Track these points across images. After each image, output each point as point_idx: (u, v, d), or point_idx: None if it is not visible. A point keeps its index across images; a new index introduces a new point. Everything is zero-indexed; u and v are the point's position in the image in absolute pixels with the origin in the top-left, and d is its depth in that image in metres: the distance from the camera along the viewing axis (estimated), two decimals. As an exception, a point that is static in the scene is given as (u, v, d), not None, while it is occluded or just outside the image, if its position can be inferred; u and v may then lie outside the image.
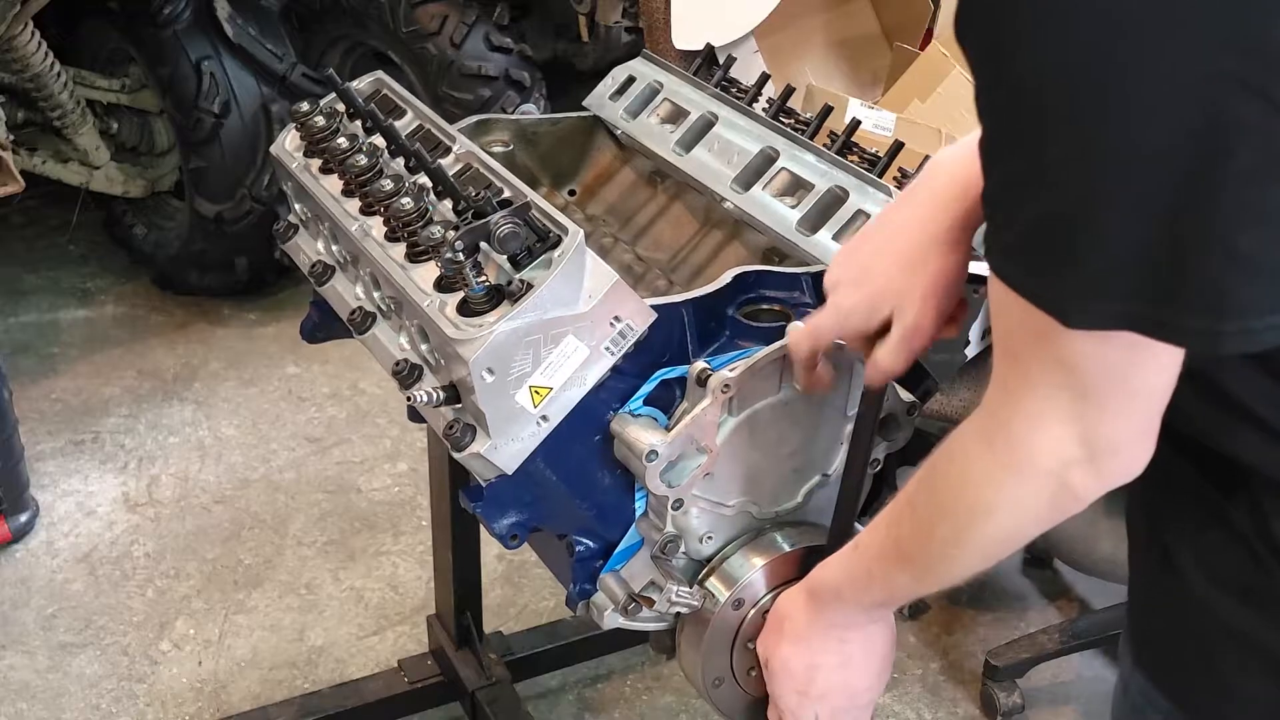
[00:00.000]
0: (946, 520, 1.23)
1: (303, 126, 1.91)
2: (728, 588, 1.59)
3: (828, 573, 1.44)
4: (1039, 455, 1.12)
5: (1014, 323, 1.10)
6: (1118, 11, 0.94)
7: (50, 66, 3.82)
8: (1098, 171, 0.98)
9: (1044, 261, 1.03)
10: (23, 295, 4.40)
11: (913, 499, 1.28)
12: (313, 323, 2.11)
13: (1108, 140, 0.97)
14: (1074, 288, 1.02)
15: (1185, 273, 0.98)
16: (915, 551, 1.29)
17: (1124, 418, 1.09)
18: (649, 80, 2.13)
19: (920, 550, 1.28)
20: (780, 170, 1.85)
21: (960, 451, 1.20)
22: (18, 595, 3.15)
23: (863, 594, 1.40)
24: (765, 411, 1.56)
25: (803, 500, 1.65)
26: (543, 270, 1.48)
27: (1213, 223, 0.96)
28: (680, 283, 1.95)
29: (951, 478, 1.22)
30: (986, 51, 1.03)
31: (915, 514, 1.28)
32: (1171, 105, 0.94)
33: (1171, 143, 0.95)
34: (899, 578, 1.34)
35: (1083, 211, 0.99)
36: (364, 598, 3.16)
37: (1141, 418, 1.10)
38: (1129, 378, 1.07)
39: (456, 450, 1.50)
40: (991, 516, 1.19)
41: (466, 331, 1.45)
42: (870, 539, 1.36)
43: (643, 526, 1.59)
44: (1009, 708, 2.82)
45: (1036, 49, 0.98)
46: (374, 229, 1.70)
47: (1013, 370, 1.12)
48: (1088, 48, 0.95)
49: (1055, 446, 1.11)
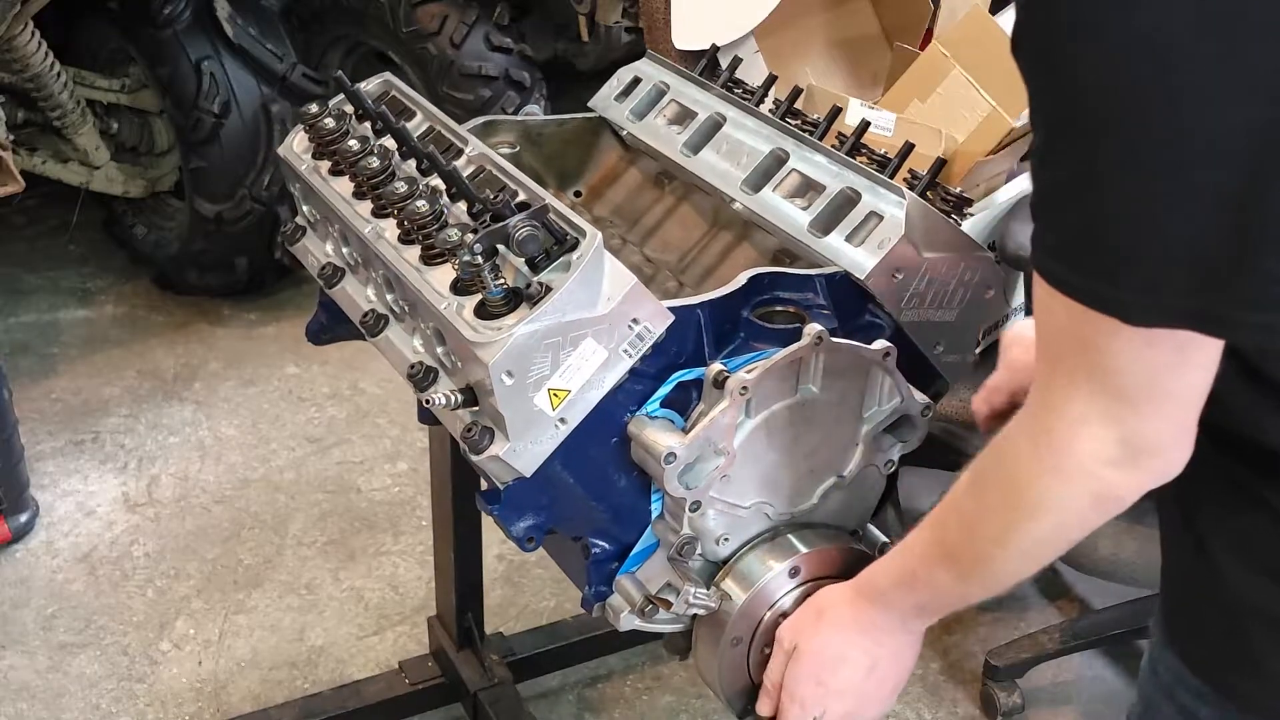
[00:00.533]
0: (992, 520, 1.25)
1: (312, 129, 1.91)
2: (744, 589, 1.60)
3: (876, 571, 1.45)
4: (1080, 456, 1.13)
5: (1059, 325, 1.12)
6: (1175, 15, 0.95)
7: (50, 66, 3.81)
8: (1154, 172, 1.00)
9: (1099, 263, 1.05)
10: (23, 295, 4.39)
11: (959, 500, 1.30)
12: (319, 324, 2.11)
13: (1165, 141, 0.98)
14: (1132, 286, 1.03)
15: (1244, 268, 1.00)
16: (960, 551, 1.31)
17: (1164, 418, 1.11)
18: (655, 81, 2.13)
19: (965, 550, 1.30)
20: (791, 171, 1.85)
21: (1007, 452, 1.22)
22: (18, 595, 3.15)
23: (906, 595, 1.41)
24: (782, 413, 1.57)
25: (818, 501, 1.66)
26: (561, 273, 1.48)
27: (1271, 218, 0.98)
28: (690, 284, 1.95)
29: (997, 478, 1.24)
30: (1039, 59, 1.05)
31: (961, 514, 1.30)
32: (1230, 105, 0.96)
33: (1231, 142, 0.97)
34: (942, 578, 1.35)
35: (1140, 212, 1.01)
36: (364, 598, 3.15)
37: (1181, 417, 1.12)
38: (1171, 379, 1.08)
39: (475, 453, 1.50)
40: (1036, 517, 1.20)
41: (485, 334, 1.45)
42: (916, 539, 1.37)
43: (659, 528, 1.60)
44: (1009, 708, 2.83)
45: (1090, 54, 0.99)
46: (387, 231, 1.70)
47: (1056, 372, 1.14)
48: (1142, 51, 0.97)
49: (1096, 448, 1.12)
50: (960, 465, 3.74)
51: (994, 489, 1.24)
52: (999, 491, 1.23)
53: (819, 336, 1.54)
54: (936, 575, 1.35)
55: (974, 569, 1.31)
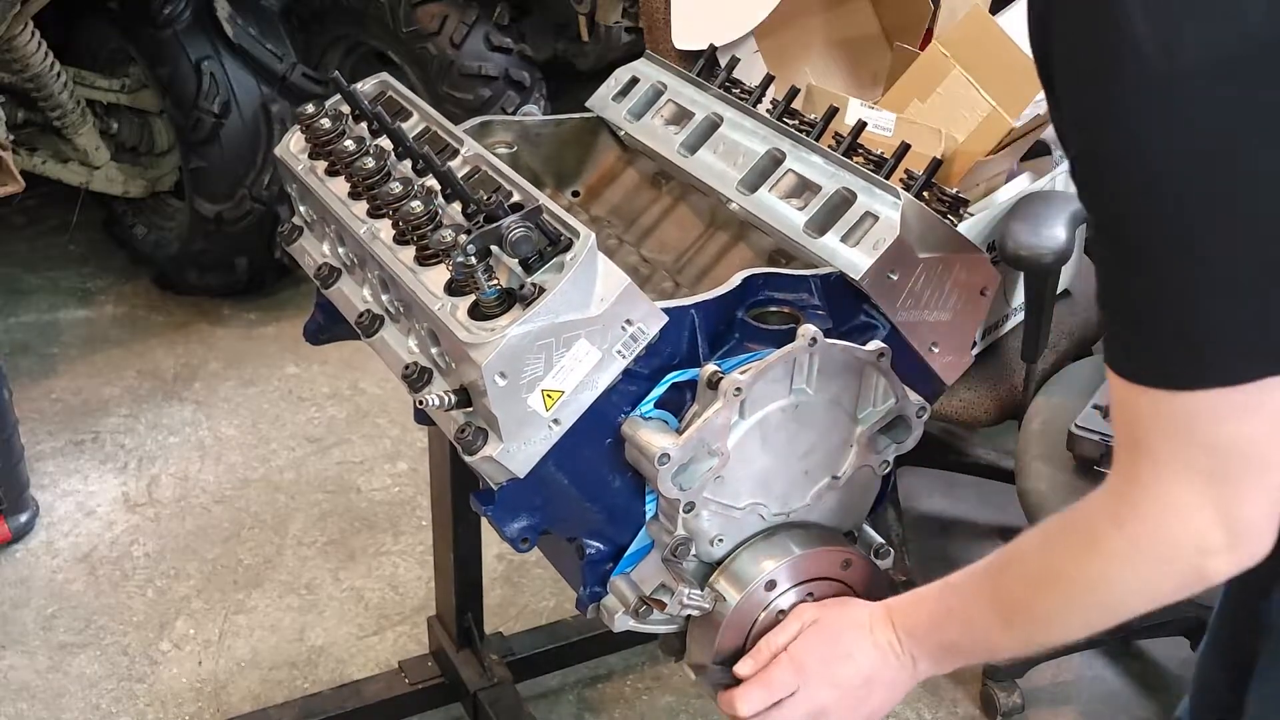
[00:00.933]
0: (1059, 587, 1.22)
1: (308, 129, 1.91)
2: (737, 589, 1.60)
3: (912, 600, 1.44)
4: (1178, 542, 1.11)
5: (1141, 415, 1.10)
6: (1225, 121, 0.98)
7: (50, 66, 3.81)
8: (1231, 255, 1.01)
9: (1184, 346, 1.05)
10: (23, 295, 4.39)
11: (1024, 556, 1.27)
12: (317, 324, 2.11)
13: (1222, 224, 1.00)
14: (1221, 351, 1.04)
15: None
16: (1015, 606, 1.28)
17: (1261, 494, 1.09)
18: (652, 81, 2.13)
19: (1021, 607, 1.27)
20: (787, 172, 1.84)
21: (1084, 527, 1.19)
22: (18, 595, 3.15)
23: (935, 631, 1.40)
24: (776, 414, 1.57)
25: (812, 502, 1.66)
26: (554, 274, 1.48)
27: None
28: (686, 284, 1.95)
29: (1072, 550, 1.20)
30: (1085, 149, 1.06)
31: (1025, 572, 1.27)
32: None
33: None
34: (985, 622, 1.32)
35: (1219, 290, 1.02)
36: (364, 598, 3.16)
37: (1276, 493, 1.10)
38: (1269, 451, 1.07)
39: (468, 454, 1.50)
40: (1111, 590, 1.18)
41: (479, 335, 1.45)
42: (965, 580, 1.35)
43: (653, 529, 1.59)
44: (1009, 708, 2.83)
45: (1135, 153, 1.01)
46: (382, 232, 1.70)
47: (1141, 459, 1.12)
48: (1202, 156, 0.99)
49: (1195, 534, 1.10)
50: (960, 466, 3.73)
51: (1067, 558, 1.21)
52: (1072, 562, 1.20)
53: (813, 338, 1.54)
54: (978, 617, 1.33)
55: (1025, 625, 1.29)
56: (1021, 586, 1.28)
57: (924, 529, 3.33)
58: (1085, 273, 3.04)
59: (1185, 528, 1.10)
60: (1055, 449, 2.41)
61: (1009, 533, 3.21)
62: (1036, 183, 2.73)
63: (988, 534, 3.33)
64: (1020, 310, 2.75)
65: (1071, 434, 2.33)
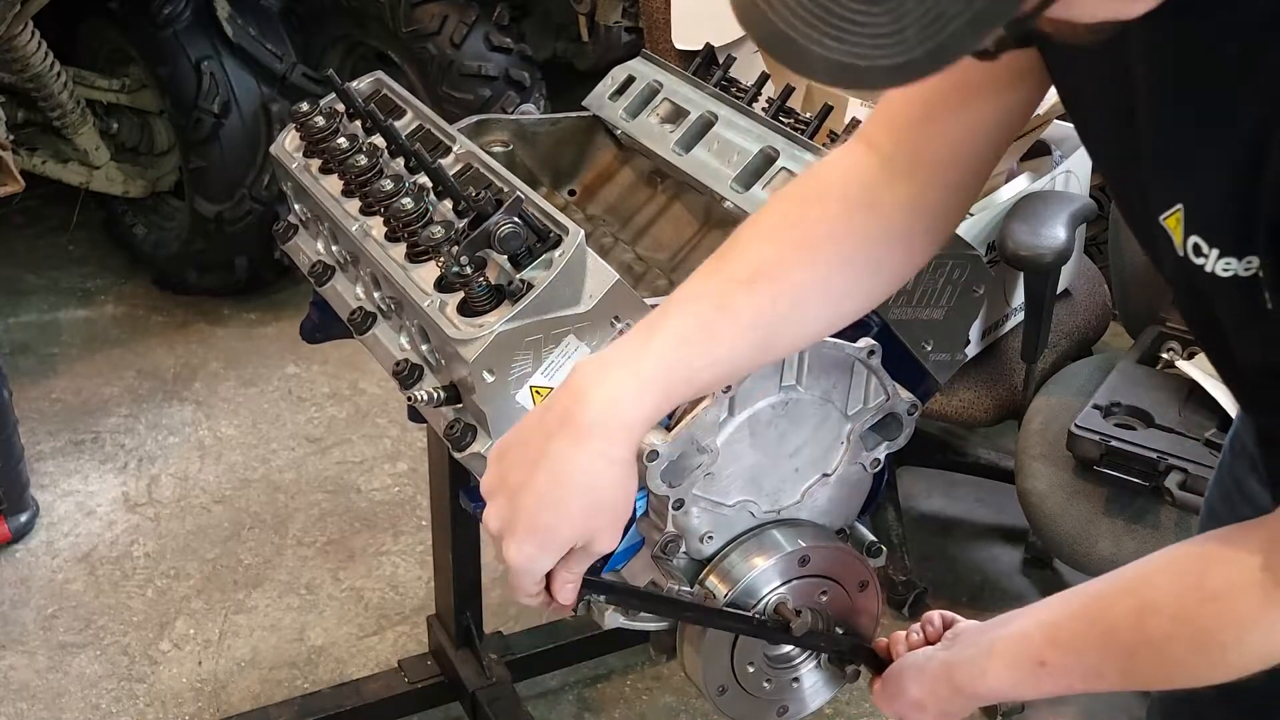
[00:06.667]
0: (1193, 653, 1.18)
1: (302, 127, 1.91)
2: (728, 587, 1.59)
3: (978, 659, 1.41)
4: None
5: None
6: None
7: (50, 66, 3.81)
8: None
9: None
10: (23, 295, 4.39)
11: (1141, 615, 1.21)
12: (312, 323, 2.11)
13: None
14: None
15: None
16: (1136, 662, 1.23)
17: None
18: (648, 80, 2.13)
19: (1146, 664, 1.22)
20: (780, 170, 1.84)
21: (1226, 597, 1.15)
22: (18, 595, 3.15)
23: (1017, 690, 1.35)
24: (766, 411, 1.56)
25: (801, 499, 1.65)
26: (543, 270, 1.48)
27: None
28: (680, 282, 1.94)
29: (1210, 618, 1.16)
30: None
31: (1144, 634, 1.21)
32: None
33: None
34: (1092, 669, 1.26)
35: None
36: (364, 598, 3.16)
37: None
38: None
39: (457, 450, 1.50)
40: (1246, 659, 1.15)
41: (467, 332, 1.45)
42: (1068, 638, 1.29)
43: (643, 526, 1.59)
44: (1009, 707, 2.82)
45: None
46: (374, 229, 1.70)
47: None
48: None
49: None
50: (959, 465, 3.70)
51: (1202, 626, 1.16)
52: (1208, 630, 1.16)
53: (804, 334, 1.53)
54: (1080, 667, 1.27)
55: (1145, 680, 1.27)
56: (1153, 664, 1.22)
57: (924, 529, 3.32)
58: (1085, 273, 3.04)
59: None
60: (1055, 449, 2.40)
61: (1009, 533, 3.24)
62: (1036, 183, 2.73)
63: (987, 534, 3.33)
64: (1020, 310, 2.75)
65: (1071, 434, 2.33)
